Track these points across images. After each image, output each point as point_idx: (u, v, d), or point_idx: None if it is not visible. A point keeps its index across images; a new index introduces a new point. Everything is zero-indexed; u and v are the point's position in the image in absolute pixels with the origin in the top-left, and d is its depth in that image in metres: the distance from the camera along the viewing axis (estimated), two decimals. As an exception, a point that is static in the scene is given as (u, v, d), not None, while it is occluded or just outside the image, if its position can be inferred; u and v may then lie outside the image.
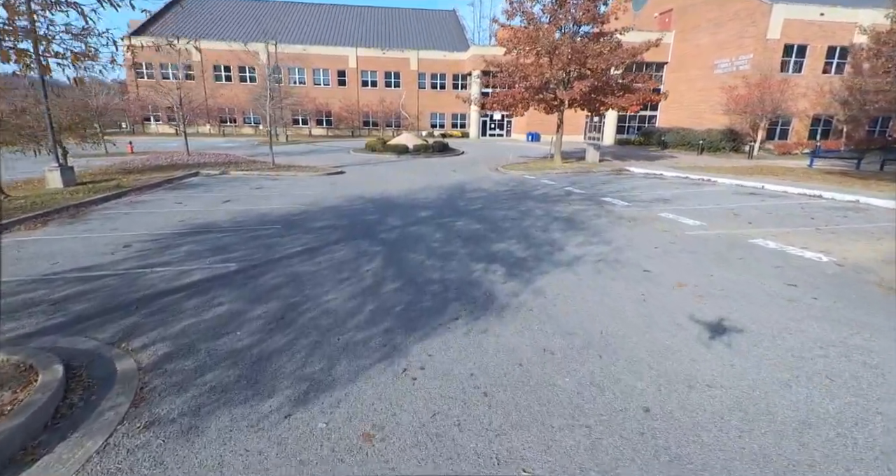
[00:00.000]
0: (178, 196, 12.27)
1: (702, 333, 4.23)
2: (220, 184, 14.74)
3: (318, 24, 49.35)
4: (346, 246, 7.05)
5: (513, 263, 6.14)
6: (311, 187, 13.91)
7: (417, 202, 11.25)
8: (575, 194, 12.63)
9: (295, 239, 7.53)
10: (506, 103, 19.50)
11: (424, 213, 9.83)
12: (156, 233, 8.12)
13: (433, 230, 8.08)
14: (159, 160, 20.51)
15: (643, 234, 7.94)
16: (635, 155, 27.00)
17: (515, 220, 9.00)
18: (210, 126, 44.22)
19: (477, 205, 10.89)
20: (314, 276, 5.63)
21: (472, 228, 8.17)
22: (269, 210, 10.26)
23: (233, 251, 6.82)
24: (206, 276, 5.72)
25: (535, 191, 13.38)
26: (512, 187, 14.19)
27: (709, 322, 4.46)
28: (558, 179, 16.20)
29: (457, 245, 7.05)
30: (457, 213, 9.86)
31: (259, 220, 9.13)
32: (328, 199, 11.65)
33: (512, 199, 11.84)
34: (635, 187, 13.89)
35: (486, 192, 12.95)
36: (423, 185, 14.26)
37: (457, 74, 46.07)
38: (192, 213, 10.00)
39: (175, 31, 42.10)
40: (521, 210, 10.14)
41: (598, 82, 18.01)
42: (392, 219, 9.16)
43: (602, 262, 6.23)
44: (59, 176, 13.33)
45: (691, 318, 4.56)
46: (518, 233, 7.87)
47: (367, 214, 9.69)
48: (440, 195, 12.35)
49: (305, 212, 10.02)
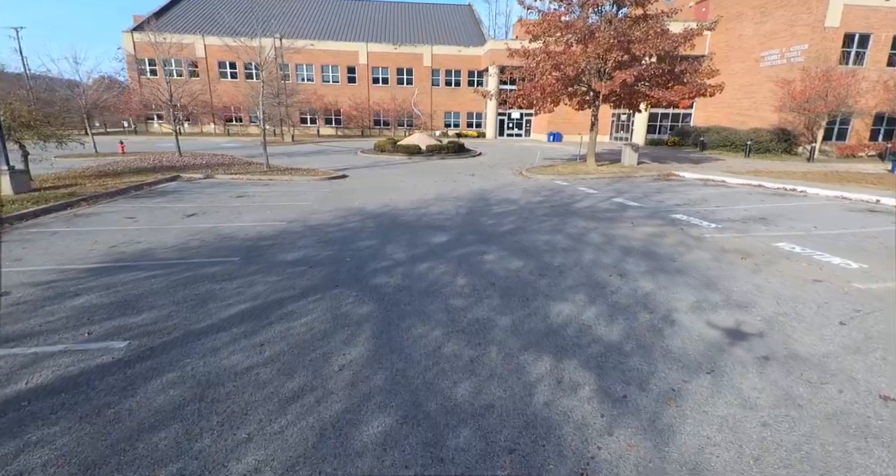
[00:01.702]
0: (136, 208, 9.95)
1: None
2: (197, 191, 12.42)
3: (327, 19, 47.20)
4: (318, 302, 4.53)
5: (601, 360, 3.44)
6: (303, 196, 11.49)
7: (430, 219, 8.71)
8: (630, 208, 9.94)
9: (247, 285, 5.05)
10: (532, 98, 16.85)
11: (439, 237, 7.27)
12: (64, 268, 5.74)
13: (452, 271, 5.51)
14: (144, 162, 18.41)
15: (783, 285, 5.11)
16: (674, 157, 24.12)
17: (568, 251, 6.37)
18: (215, 125, 42.36)
19: (508, 224, 8.30)
20: (242, 386, 3.11)
21: (510, 268, 5.57)
22: (238, 229, 7.83)
23: (141, 311, 4.36)
24: (59, 374, 3.27)
25: (576, 202, 10.73)
26: (546, 197, 11.56)
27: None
28: (598, 187, 13.52)
29: (492, 305, 4.45)
30: (483, 237, 7.29)
31: (215, 247, 6.70)
32: (318, 214, 9.19)
33: (551, 214, 9.22)
34: (704, 198, 11.14)
35: (516, 205, 10.35)
36: (436, 195, 11.72)
37: (472, 71, 43.44)
38: (136, 233, 7.62)
39: (178, 27, 40.35)
40: (571, 233, 7.51)
41: (646, 72, 15.25)
42: (395, 248, 6.62)
43: (772, 364, 3.38)
44: (9, 181, 11.16)
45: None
46: (582, 278, 5.23)
47: (361, 239, 7.17)
48: (458, 209, 9.80)
49: (282, 233, 7.57)
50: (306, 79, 42.48)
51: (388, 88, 42.93)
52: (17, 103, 12.73)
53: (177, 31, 38.61)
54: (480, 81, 43.50)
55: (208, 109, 41.48)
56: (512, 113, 41.70)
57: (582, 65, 15.18)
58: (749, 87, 29.83)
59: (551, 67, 15.35)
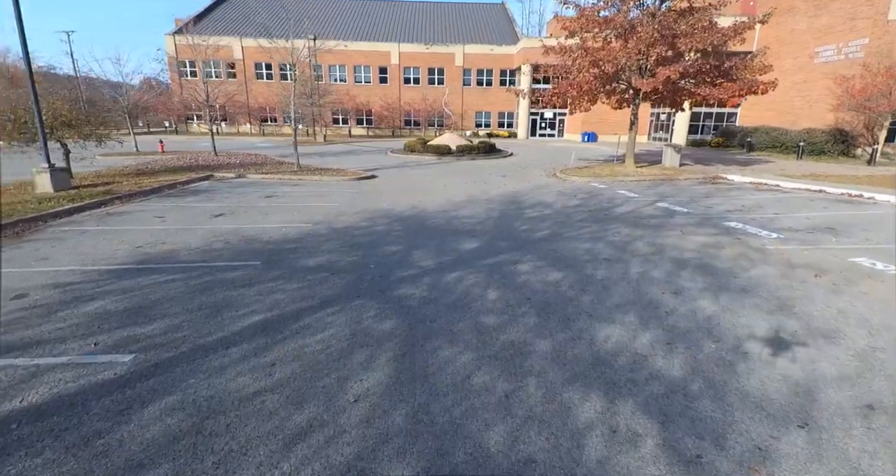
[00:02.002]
0: (166, 207, 9.96)
1: None
2: (228, 190, 12.44)
3: (360, 20, 47.53)
4: (337, 315, 4.16)
5: (663, 403, 2.84)
6: (331, 196, 11.29)
7: (460, 223, 8.28)
8: (677, 213, 9.20)
9: (266, 293, 4.75)
10: (568, 97, 16.15)
11: (469, 243, 6.82)
12: (87, 269, 5.63)
13: (483, 282, 5.05)
14: (181, 161, 18.80)
15: (871, 310, 4.34)
16: (719, 158, 22.79)
17: (612, 262, 5.79)
18: (251, 125, 43.34)
19: (543, 229, 7.76)
20: (246, 416, 2.75)
21: (548, 281, 5.05)
22: (262, 231, 7.63)
23: (154, 319, 4.11)
24: (57, 391, 3.01)
25: (616, 207, 10.06)
26: (583, 200, 10.92)
27: None
28: (639, 190, 12.73)
29: (528, 325, 3.96)
30: (517, 244, 6.79)
31: (238, 250, 6.48)
32: (345, 216, 8.92)
33: (590, 219, 8.61)
34: (758, 204, 10.23)
35: (551, 209, 9.78)
36: (467, 197, 11.27)
37: (505, 70, 42.75)
38: (164, 233, 7.53)
39: (218, 29, 41.49)
40: (613, 241, 6.90)
41: (692, 67, 14.31)
42: (422, 254, 6.22)
43: (880, 416, 2.74)
44: (49, 179, 11.45)
45: None
46: (630, 295, 4.66)
47: (387, 244, 6.81)
48: (490, 212, 9.32)
49: (307, 236, 7.30)
50: (339, 79, 42.87)
51: (419, 88, 42.80)
52: (59, 103, 13.08)
53: (216, 33, 39.73)
54: (513, 81, 42.76)
55: (244, 110, 42.51)
56: (545, 112, 40.77)
57: (622, 61, 14.39)
58: (801, 85, 27.98)
59: (589, 64, 14.63)
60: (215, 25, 43.06)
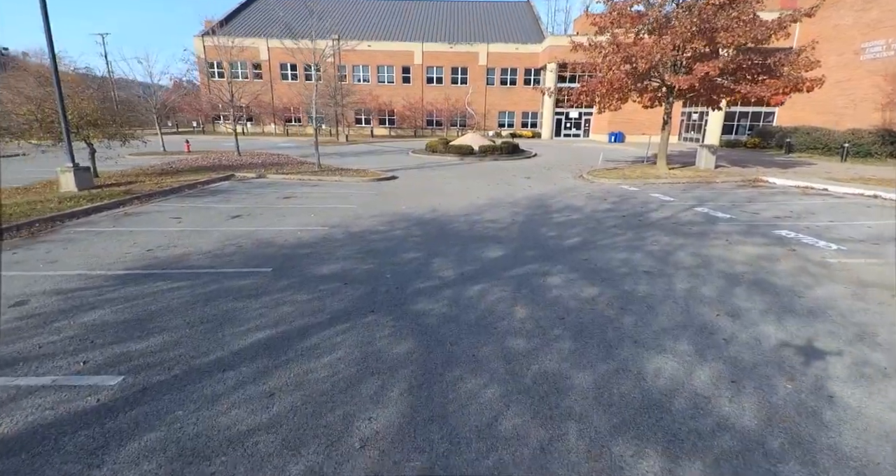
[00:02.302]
0: (184, 207, 9.80)
1: None
2: (247, 191, 12.27)
3: (384, 20, 47.47)
4: (348, 333, 3.75)
5: (740, 467, 2.27)
6: (349, 198, 10.97)
7: (483, 229, 7.80)
8: (719, 220, 8.49)
9: (273, 305, 4.38)
10: (597, 95, 15.45)
11: (493, 251, 6.34)
12: (93, 274, 5.40)
13: (510, 297, 4.56)
14: (205, 161, 18.89)
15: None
16: (756, 160, 21.62)
17: (653, 276, 5.22)
18: (275, 125, 43.78)
19: (574, 236, 7.21)
20: (233, 463, 2.35)
21: (582, 297, 4.53)
22: (277, 234, 7.32)
23: (151, 334, 3.78)
24: (32, 420, 2.68)
25: (651, 211, 9.40)
26: (614, 204, 10.29)
27: None
28: (674, 193, 11.98)
29: (563, 352, 3.45)
30: (545, 253, 6.26)
31: (251, 255, 6.17)
32: (362, 219, 8.55)
33: (624, 225, 8.00)
34: (809, 211, 9.40)
35: (581, 213, 9.20)
36: (490, 200, 10.78)
37: (529, 69, 41.96)
38: (176, 235, 7.31)
39: (245, 31, 42.04)
40: (652, 251, 6.31)
41: (732, 63, 13.45)
42: (442, 263, 5.77)
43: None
44: (73, 178, 11.50)
45: None
46: (678, 316, 4.09)
47: (405, 251, 6.38)
48: (515, 217, 8.81)
49: (322, 240, 6.95)
50: (362, 79, 42.87)
51: (441, 88, 42.42)
52: (85, 102, 13.16)
53: (244, 34, 40.25)
54: (537, 80, 41.94)
55: (269, 110, 42.97)
56: (570, 112, 39.83)
57: (656, 57, 13.63)
58: (846, 83, 26.40)
59: (621, 60, 13.91)
60: (243, 27, 43.66)
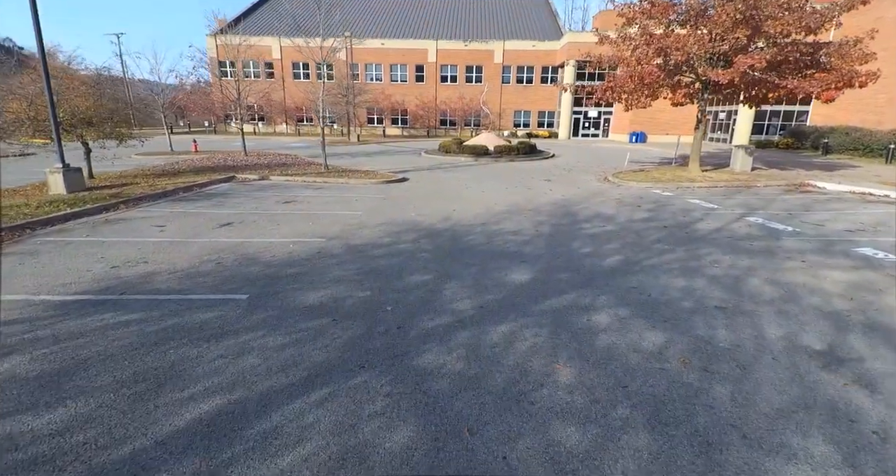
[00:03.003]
0: (173, 213, 8.92)
1: None
2: (246, 194, 11.37)
3: (397, 17, 46.59)
4: (325, 405, 2.71)
5: None
6: (354, 203, 9.98)
7: (503, 242, 6.70)
8: (782, 233, 7.25)
9: (236, 353, 3.37)
10: (625, 90, 14.23)
11: (518, 272, 5.24)
12: (37, 300, 4.48)
13: (547, 347, 3.46)
14: (210, 161, 18.16)
15: None
16: (792, 161, 20.11)
17: (730, 312, 4.05)
18: (287, 125, 43.21)
19: (613, 253, 6.07)
20: None
21: (645, 349, 3.37)
22: (266, 248, 6.34)
23: (66, 399, 2.79)
24: None
25: (696, 222, 8.19)
26: (651, 212, 9.09)
27: None
28: (714, 199, 10.73)
29: (638, 452, 2.27)
30: (582, 276, 5.15)
31: (229, 274, 5.19)
32: (366, 228, 7.54)
33: (670, 240, 6.82)
34: (881, 222, 8.06)
35: (615, 223, 8.03)
36: (509, 206, 9.68)
37: (547, 67, 40.64)
38: (152, 248, 6.38)
39: (258, 30, 41.53)
40: (716, 275, 5.13)
41: (780, 55, 12.13)
42: (456, 289, 4.70)
43: None
44: (62, 180, 10.74)
45: None
46: (790, 385, 2.82)
47: (413, 271, 5.33)
48: (539, 227, 7.69)
49: (316, 256, 5.94)
50: (375, 78, 42.03)
51: (455, 87, 41.35)
52: (79, 99, 12.41)
53: (257, 33, 39.72)
54: (554, 78, 40.60)
55: (281, 110, 42.41)
56: (589, 111, 38.40)
57: (693, 49, 12.36)
58: (889, 80, 24.57)
59: (653, 53, 12.65)
60: (256, 25, 43.16)
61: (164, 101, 23.74)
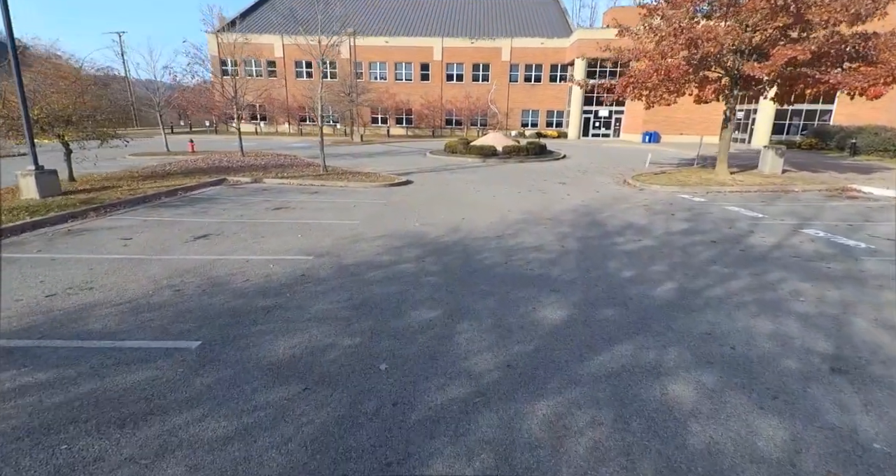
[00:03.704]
0: (145, 222, 7.89)
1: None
2: (235, 198, 10.35)
3: (401, 14, 45.53)
4: None
5: None
6: (353, 210, 8.93)
7: (525, 263, 5.60)
8: (856, 251, 6.10)
9: (157, 451, 2.30)
10: (648, 85, 13.08)
11: (549, 308, 4.15)
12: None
13: (614, 448, 2.35)
14: (205, 162, 17.21)
15: None
16: (821, 163, 18.86)
17: (856, 380, 2.90)
18: (290, 125, 42.29)
19: (662, 279, 4.96)
20: None
21: (764, 456, 2.28)
22: (241, 268, 5.29)
23: None
24: None
25: (746, 235, 7.04)
26: (689, 222, 7.96)
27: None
28: (756, 206, 9.57)
29: None
30: (633, 314, 4.04)
31: (185, 308, 4.14)
32: (362, 242, 6.47)
33: (726, 259, 5.69)
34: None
35: (652, 237, 6.90)
36: (525, 214, 8.58)
37: (555, 65, 39.44)
38: (107, 268, 5.34)
39: (261, 27, 40.64)
40: (808, 315, 3.98)
41: (827, 45, 10.94)
42: (472, 335, 3.61)
43: None
44: (34, 183, 9.78)
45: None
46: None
47: (415, 304, 4.24)
48: (563, 241, 6.58)
49: (299, 281, 4.87)
50: (379, 77, 41.00)
51: (461, 86, 40.23)
52: (56, 96, 11.43)
53: (259, 31, 38.83)
54: (564, 76, 39.41)
55: (284, 109, 41.46)
56: (599, 110, 37.18)
57: (727, 40, 11.18)
58: (924, 75, 23.22)
59: (683, 44, 11.47)
60: (259, 22, 42.32)
61: (160, 99, 22.83)
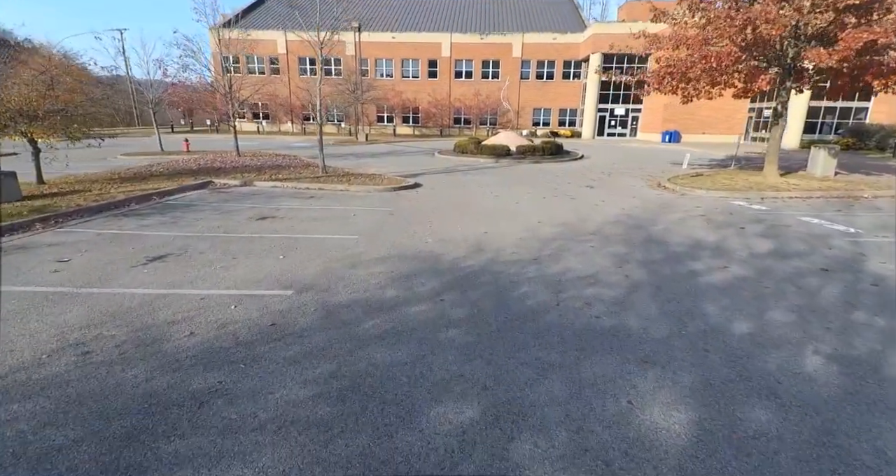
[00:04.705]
0: (99, 236, 6.45)
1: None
2: (216, 206, 8.90)
3: (408, 8, 44.03)
4: None
5: None
6: (352, 220, 7.43)
7: (582, 305, 4.07)
8: None
9: None
10: (690, 76, 11.48)
11: (653, 408, 2.63)
12: None
13: None
14: (196, 162, 15.79)
15: None
16: (865, 164, 17.23)
17: None
18: (293, 124, 40.94)
19: (795, 338, 3.42)
20: None
21: None
22: (192, 311, 3.81)
23: None
24: None
25: (859, 260, 5.46)
26: (771, 240, 6.38)
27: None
28: (832, 217, 7.97)
29: None
30: (795, 418, 2.52)
31: (80, 395, 2.65)
32: (359, 267, 4.97)
33: (864, 301, 4.14)
34: None
35: (739, 263, 5.33)
36: (558, 225, 7.04)
37: (569, 61, 37.76)
38: (15, 307, 3.89)
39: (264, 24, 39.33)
40: None
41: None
42: (541, 465, 2.10)
43: None
44: (-12, 188, 8.39)
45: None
46: None
47: (436, 394, 2.73)
48: (625, 268, 5.04)
49: (265, 336, 3.37)
50: (385, 74, 39.54)
51: (471, 83, 38.66)
52: (17, 88, 10.05)
53: (262, 27, 37.50)
54: (577, 73, 37.75)
55: (287, 108, 40.13)
56: (615, 108, 35.47)
57: (792, 20, 9.56)
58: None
59: (739, 26, 9.82)
60: (263, 19, 41.03)
61: (154, 96, 21.53)
